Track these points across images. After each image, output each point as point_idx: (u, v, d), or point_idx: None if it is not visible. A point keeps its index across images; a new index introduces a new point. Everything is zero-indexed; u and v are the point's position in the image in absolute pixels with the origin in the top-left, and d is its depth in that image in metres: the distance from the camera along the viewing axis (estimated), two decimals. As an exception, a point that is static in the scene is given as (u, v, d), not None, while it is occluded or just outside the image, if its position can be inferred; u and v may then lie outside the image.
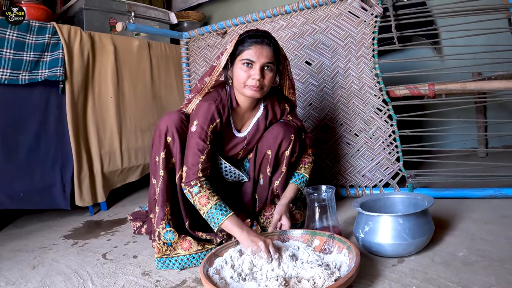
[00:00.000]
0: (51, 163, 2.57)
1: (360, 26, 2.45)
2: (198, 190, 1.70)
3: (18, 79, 2.34)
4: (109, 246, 2.05)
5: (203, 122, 1.77)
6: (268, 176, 2.00)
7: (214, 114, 1.79)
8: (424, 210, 1.57)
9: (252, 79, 1.73)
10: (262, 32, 1.76)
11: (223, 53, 1.80)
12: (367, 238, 1.57)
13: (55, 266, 1.83)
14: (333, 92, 2.55)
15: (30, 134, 2.48)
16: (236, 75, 1.76)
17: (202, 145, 1.75)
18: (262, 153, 1.99)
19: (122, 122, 2.98)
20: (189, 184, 1.72)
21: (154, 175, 1.87)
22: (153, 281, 1.58)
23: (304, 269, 1.37)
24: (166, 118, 1.85)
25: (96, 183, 2.77)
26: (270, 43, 1.74)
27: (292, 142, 1.95)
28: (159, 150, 1.82)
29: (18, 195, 2.42)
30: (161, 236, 1.70)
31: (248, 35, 1.74)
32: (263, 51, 1.72)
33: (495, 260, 1.44)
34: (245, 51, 1.72)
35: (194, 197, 1.70)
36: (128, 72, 3.05)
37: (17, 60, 2.34)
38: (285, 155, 1.96)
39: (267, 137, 1.97)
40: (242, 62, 1.73)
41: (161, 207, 1.78)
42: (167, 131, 1.82)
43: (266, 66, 1.73)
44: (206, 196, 1.67)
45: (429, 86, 2.30)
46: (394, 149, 2.36)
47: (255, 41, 1.72)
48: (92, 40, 2.77)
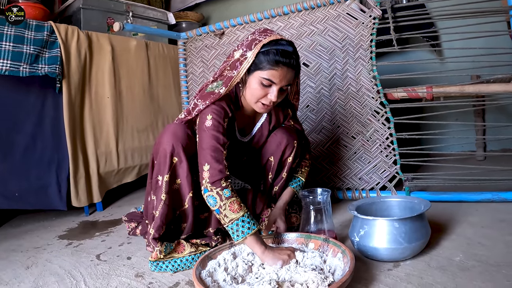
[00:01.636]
0: (47, 163, 2.56)
1: (358, 28, 2.44)
2: (231, 194, 1.54)
3: (19, 70, 2.31)
4: (104, 247, 2.04)
5: (218, 116, 1.64)
6: (269, 183, 1.98)
7: (227, 108, 1.68)
8: (421, 214, 1.56)
9: (268, 98, 1.64)
10: (290, 48, 1.61)
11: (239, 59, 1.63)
12: (363, 242, 1.56)
13: (48, 266, 1.82)
14: (330, 94, 2.54)
15: (26, 134, 2.47)
16: (251, 88, 1.65)
17: (222, 139, 1.61)
18: (265, 159, 1.96)
19: (119, 122, 2.96)
20: (218, 185, 1.54)
21: (154, 192, 1.76)
22: (146, 283, 1.56)
23: (297, 273, 1.36)
24: (170, 135, 1.69)
25: (92, 183, 2.76)
26: (296, 65, 1.63)
27: (295, 149, 1.92)
28: (163, 171, 1.69)
29: (13, 195, 2.41)
30: (162, 252, 1.64)
31: (276, 49, 1.57)
32: (288, 74, 1.60)
33: (492, 265, 1.42)
34: (268, 69, 1.57)
35: (224, 201, 1.52)
36: (126, 72, 3.03)
37: (18, 52, 2.31)
38: (288, 162, 1.94)
39: (270, 144, 1.92)
40: (262, 79, 1.59)
41: (156, 230, 1.68)
42: (173, 151, 1.67)
43: (284, 86, 1.64)
44: (238, 202, 1.53)
45: (427, 88, 2.29)
46: (391, 152, 2.35)
47: (283, 62, 1.57)
48: (89, 40, 2.76)
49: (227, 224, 1.53)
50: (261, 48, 1.58)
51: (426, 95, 2.32)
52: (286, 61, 1.57)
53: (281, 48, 1.58)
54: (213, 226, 1.85)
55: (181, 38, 3.19)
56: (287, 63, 1.57)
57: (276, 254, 1.48)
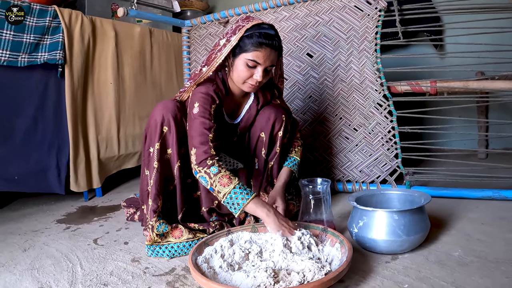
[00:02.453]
0: (47, 147, 2.55)
1: (364, 20, 2.43)
2: (218, 169, 1.61)
3: (18, 61, 2.32)
4: (101, 232, 2.04)
5: (204, 103, 1.72)
6: (264, 159, 1.98)
7: (214, 96, 1.76)
8: (420, 207, 1.55)
9: (254, 79, 1.72)
10: (272, 31, 1.70)
11: (225, 44, 1.73)
12: (361, 233, 1.55)
13: (45, 249, 1.82)
14: (333, 86, 2.52)
15: (27, 118, 2.45)
16: (238, 70, 1.73)
17: (208, 123, 1.69)
18: (256, 136, 1.98)
19: (120, 108, 2.96)
20: (204, 164, 1.63)
21: (147, 167, 1.84)
22: (142, 268, 1.56)
23: (294, 262, 1.35)
24: (161, 107, 1.79)
25: (92, 168, 2.75)
26: (278, 46, 1.71)
27: (284, 123, 1.96)
28: (154, 140, 1.77)
29: (13, 178, 2.40)
30: (155, 229, 1.66)
31: (259, 32, 1.67)
32: (271, 54, 1.69)
33: (491, 262, 1.41)
34: (252, 50, 1.66)
35: (213, 177, 1.60)
36: (129, 58, 3.02)
37: (17, 42, 2.31)
38: (279, 136, 1.96)
39: (259, 120, 1.96)
40: (247, 61, 1.68)
41: (154, 200, 1.73)
42: (163, 121, 1.76)
43: (268, 67, 1.72)
44: (227, 176, 1.60)
45: (431, 83, 2.28)
46: (393, 145, 2.34)
47: (266, 43, 1.66)
48: (93, 25, 2.74)
49: (223, 200, 1.60)
50: (245, 32, 1.68)
51: (430, 90, 2.30)
52: (269, 43, 1.67)
53: (263, 31, 1.67)
54: (205, 205, 1.89)
55: (185, 26, 3.17)
56: (270, 44, 1.67)
57: (280, 221, 1.54)
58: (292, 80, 2.69)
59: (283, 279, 1.26)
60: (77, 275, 1.52)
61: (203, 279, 1.20)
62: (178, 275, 1.48)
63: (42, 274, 1.55)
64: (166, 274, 1.50)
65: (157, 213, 1.70)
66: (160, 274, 1.50)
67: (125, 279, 1.47)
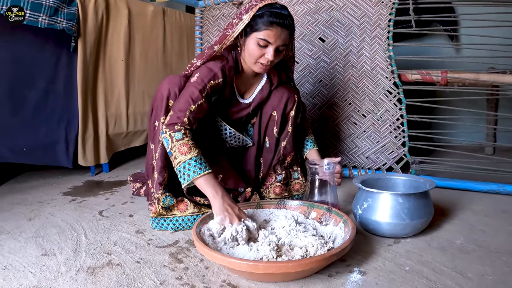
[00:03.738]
0: (56, 120, 2.56)
1: (378, 7, 2.42)
2: (182, 136, 1.59)
3: (38, 21, 2.27)
4: (107, 205, 2.05)
5: (204, 76, 1.72)
6: (275, 137, 1.98)
7: (218, 72, 1.74)
8: (425, 192, 1.56)
9: (265, 57, 1.69)
10: (284, 11, 1.68)
11: (237, 22, 1.71)
12: (365, 215, 1.56)
13: (51, 219, 1.83)
14: (344, 71, 2.52)
15: (38, 91, 2.46)
16: (249, 49, 1.71)
17: (197, 95, 1.68)
18: (268, 115, 1.98)
19: (130, 85, 2.96)
20: (171, 127, 1.62)
21: (152, 140, 1.84)
22: (146, 239, 1.58)
23: (298, 238, 1.36)
24: (168, 81, 1.80)
25: (100, 144, 2.76)
26: (289, 25, 1.68)
27: (296, 102, 1.96)
28: (160, 114, 1.78)
29: (21, 150, 2.42)
30: (160, 202, 1.67)
31: (270, 11, 1.64)
32: (282, 34, 1.66)
33: (493, 252, 1.42)
34: (263, 29, 1.64)
35: (174, 142, 1.58)
36: (141, 37, 3.02)
37: (37, 3, 2.26)
38: (291, 115, 1.97)
39: (271, 100, 1.96)
40: (258, 40, 1.66)
41: (160, 173, 1.74)
42: (169, 95, 1.77)
43: (280, 47, 1.69)
44: (188, 145, 1.57)
45: (442, 73, 2.27)
46: (401, 133, 2.34)
47: (277, 22, 1.63)
48: (107, 2, 2.74)
49: (176, 167, 1.58)
50: (257, 11, 1.65)
51: (441, 80, 2.30)
52: (280, 22, 1.63)
53: (274, 10, 1.65)
54: None
55: (198, 6, 3.16)
56: (281, 23, 1.64)
57: (226, 205, 1.48)
58: (303, 64, 2.68)
59: (286, 253, 1.27)
60: (81, 243, 1.54)
61: (206, 249, 1.21)
62: (182, 247, 1.50)
63: (46, 242, 1.56)
64: (169, 246, 1.51)
65: (163, 185, 1.71)
66: (164, 246, 1.51)
67: (129, 249, 1.48)
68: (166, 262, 1.37)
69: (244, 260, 1.14)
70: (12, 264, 1.37)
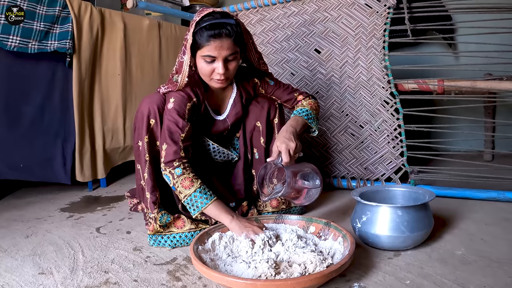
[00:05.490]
0: (53, 136, 2.55)
1: (372, 17, 2.42)
2: (182, 172, 1.60)
3: (28, 47, 2.31)
4: (104, 221, 2.04)
5: (180, 100, 1.70)
6: (264, 147, 1.95)
7: (190, 93, 1.72)
8: (424, 204, 1.55)
9: (216, 73, 1.64)
10: (221, 19, 1.59)
11: (185, 44, 1.65)
12: (364, 229, 1.54)
13: (48, 236, 1.83)
14: (340, 82, 2.51)
15: (34, 106, 2.45)
16: (200, 68, 1.68)
17: (182, 122, 1.67)
18: (251, 127, 1.96)
19: (127, 100, 2.95)
20: (170, 165, 1.62)
21: (138, 161, 1.83)
22: (143, 256, 1.57)
23: (296, 254, 1.35)
24: (147, 100, 1.79)
25: (97, 159, 2.75)
26: (230, 33, 1.59)
27: (278, 109, 1.95)
28: (142, 134, 1.77)
29: (18, 166, 2.41)
30: (157, 221, 1.66)
31: (206, 25, 1.57)
32: (223, 44, 1.58)
33: (494, 261, 1.41)
34: (205, 45, 1.58)
35: (176, 179, 1.60)
36: (137, 50, 3.02)
37: (27, 29, 2.30)
38: (275, 122, 1.95)
39: (252, 111, 1.94)
40: (203, 57, 1.61)
41: (152, 192, 1.73)
42: (149, 114, 1.76)
43: (228, 57, 1.63)
44: (189, 179, 1.59)
45: (439, 81, 2.28)
46: (399, 143, 2.33)
47: (212, 35, 1.56)
48: (102, 16, 2.74)
49: (183, 200, 1.61)
50: (195, 27, 1.59)
51: (437, 88, 2.30)
52: (217, 32, 1.56)
53: (208, 22, 1.57)
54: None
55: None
56: (218, 34, 1.56)
57: (244, 224, 1.53)
58: (299, 76, 2.68)
59: (284, 270, 1.26)
60: (78, 262, 1.53)
61: (204, 268, 1.20)
62: (179, 265, 1.48)
63: (43, 260, 1.55)
64: (167, 263, 1.50)
65: (157, 204, 1.70)
66: (161, 263, 1.50)
67: (126, 267, 1.47)
68: (164, 280, 1.36)
69: (242, 279, 1.13)
70: (9, 283, 1.36)
